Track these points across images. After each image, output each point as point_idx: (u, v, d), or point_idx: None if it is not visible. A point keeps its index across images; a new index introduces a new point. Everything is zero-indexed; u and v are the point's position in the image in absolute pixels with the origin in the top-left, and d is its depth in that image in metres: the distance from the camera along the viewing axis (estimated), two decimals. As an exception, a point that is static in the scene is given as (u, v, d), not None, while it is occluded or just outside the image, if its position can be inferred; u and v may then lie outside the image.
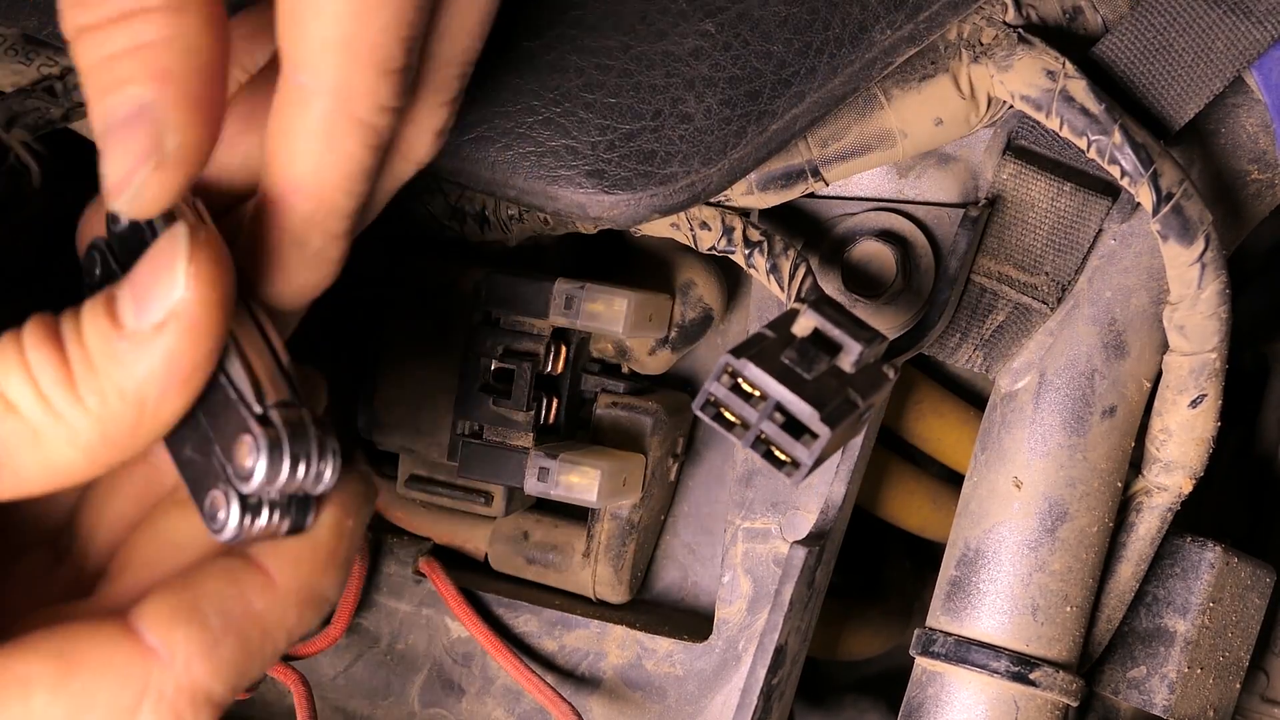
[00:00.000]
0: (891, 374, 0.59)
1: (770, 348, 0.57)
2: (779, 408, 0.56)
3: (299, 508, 0.50)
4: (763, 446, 0.57)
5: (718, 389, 0.57)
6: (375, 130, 0.50)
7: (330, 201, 0.51)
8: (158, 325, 0.47)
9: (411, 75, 0.51)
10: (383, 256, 0.85)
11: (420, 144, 0.56)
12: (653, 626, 0.80)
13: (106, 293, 0.49)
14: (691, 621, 0.82)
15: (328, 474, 0.49)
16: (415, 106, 0.54)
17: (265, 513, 0.49)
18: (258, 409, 0.48)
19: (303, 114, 0.49)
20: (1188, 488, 0.73)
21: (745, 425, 0.57)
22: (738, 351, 0.57)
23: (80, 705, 0.46)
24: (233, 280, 0.49)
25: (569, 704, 0.76)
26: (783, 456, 0.57)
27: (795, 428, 0.56)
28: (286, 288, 0.52)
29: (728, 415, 0.57)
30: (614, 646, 0.79)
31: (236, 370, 0.49)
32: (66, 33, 0.47)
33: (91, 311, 0.48)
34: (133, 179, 0.47)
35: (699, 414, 0.58)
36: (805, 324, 0.58)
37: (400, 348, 0.81)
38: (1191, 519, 0.77)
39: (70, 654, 0.46)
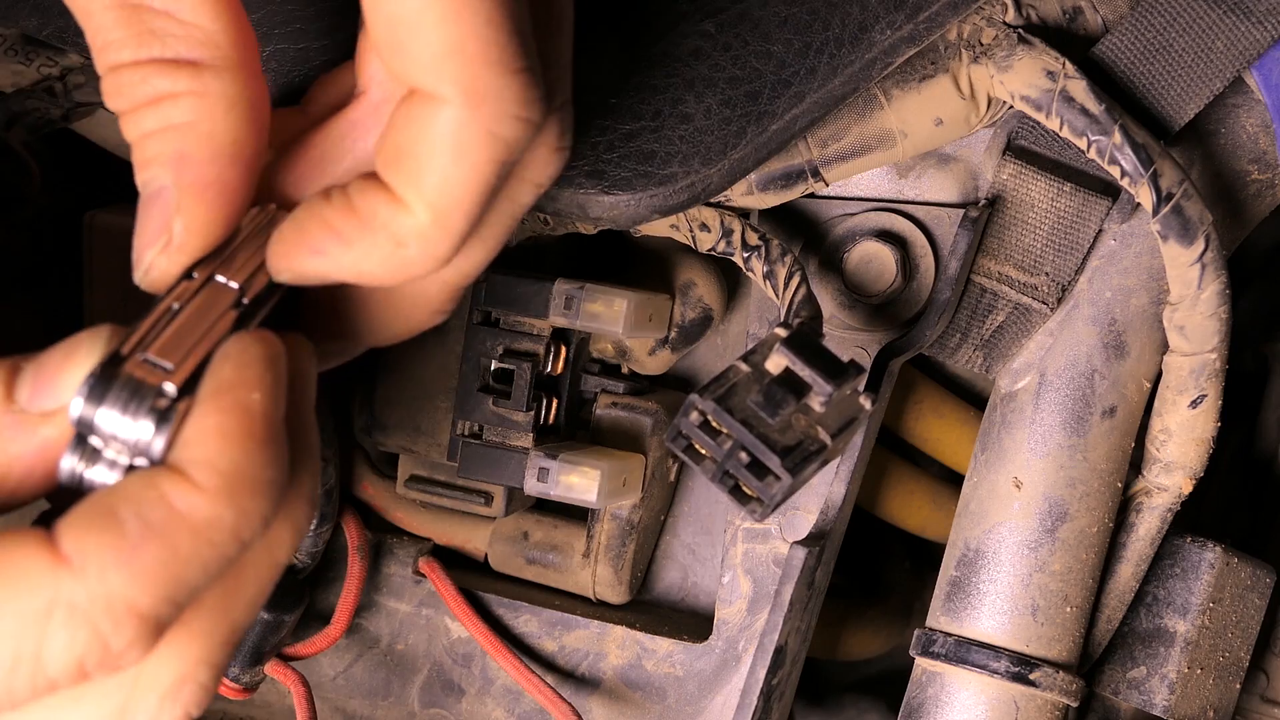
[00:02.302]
0: (868, 404, 0.59)
1: (741, 385, 0.58)
2: (744, 448, 0.57)
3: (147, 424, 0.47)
4: (730, 481, 0.58)
5: (686, 425, 0.58)
6: (505, 144, 0.48)
7: (448, 219, 0.49)
8: (45, 414, 0.47)
9: (539, 79, 0.48)
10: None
11: (540, 162, 0.52)
12: (653, 627, 0.80)
13: (12, 362, 0.48)
14: (691, 622, 0.82)
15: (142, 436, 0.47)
16: None
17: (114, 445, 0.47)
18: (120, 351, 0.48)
19: (429, 125, 0.47)
20: (1188, 488, 0.73)
21: (714, 460, 0.58)
22: (705, 391, 0.58)
23: None
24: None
25: (569, 704, 0.76)
26: (749, 492, 0.58)
27: (760, 468, 0.57)
28: (360, 269, 0.50)
29: (698, 448, 0.58)
30: (614, 647, 0.79)
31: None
32: (112, 107, 0.49)
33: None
34: (144, 257, 0.50)
35: (669, 446, 0.59)
36: (777, 361, 0.59)
37: (400, 348, 0.81)
38: (1191, 519, 0.77)
39: None
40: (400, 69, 0.48)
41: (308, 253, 0.50)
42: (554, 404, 0.78)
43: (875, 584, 1.03)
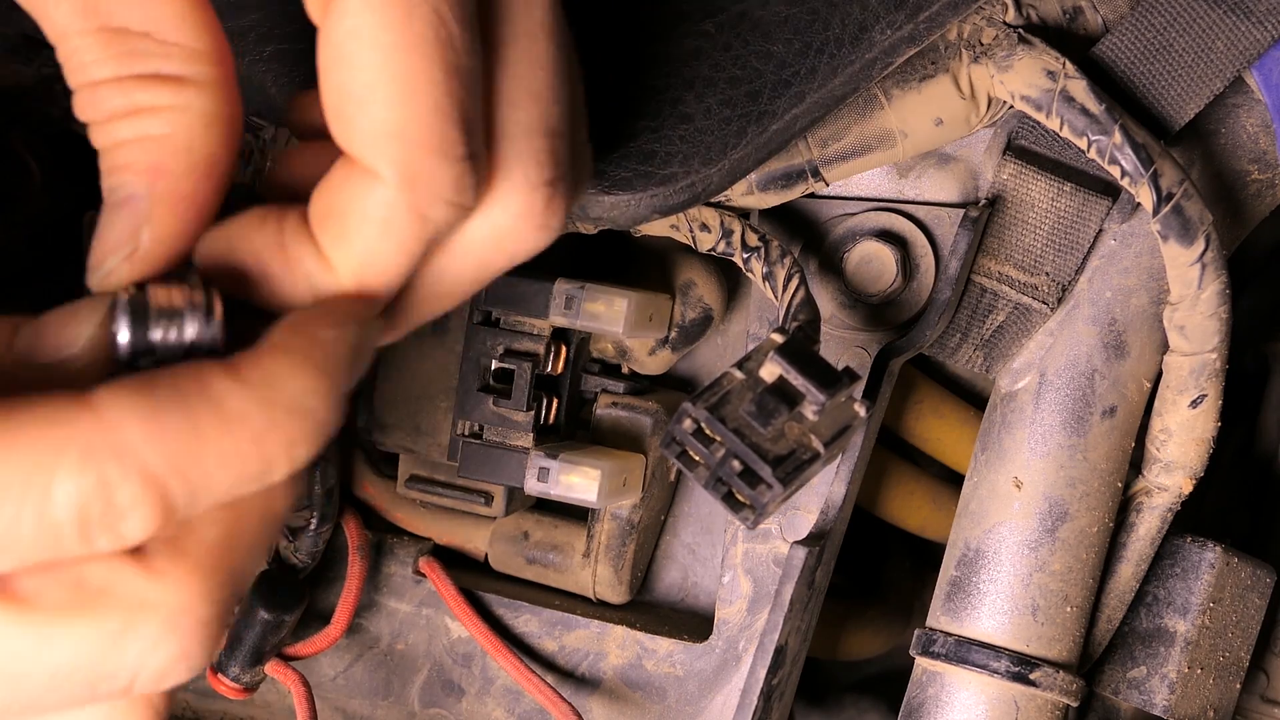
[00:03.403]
0: (863, 411, 0.60)
1: (735, 392, 0.59)
2: (736, 456, 0.57)
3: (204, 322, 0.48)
4: (723, 488, 0.59)
5: (679, 432, 0.58)
6: (434, 225, 0.48)
7: (370, 288, 0.49)
8: (46, 364, 0.48)
9: (478, 166, 0.48)
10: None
11: (518, 236, 0.51)
12: (653, 627, 0.80)
13: (12, 321, 0.49)
14: (692, 622, 0.82)
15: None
16: (500, 187, 0.50)
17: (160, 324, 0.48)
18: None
19: (361, 198, 0.48)
20: (1188, 488, 0.73)
21: (706, 467, 0.58)
22: (698, 399, 0.58)
23: (6, 431, 0.43)
24: None
25: (569, 704, 0.76)
26: (742, 499, 0.59)
27: (752, 476, 0.57)
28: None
29: (692, 454, 0.58)
30: (614, 647, 0.79)
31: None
32: (81, 117, 0.49)
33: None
34: (105, 261, 0.50)
35: (664, 451, 0.59)
36: (771, 370, 0.59)
37: (400, 348, 0.81)
38: (1192, 519, 0.77)
39: (13, 428, 0.43)
40: (342, 138, 0.48)
41: (232, 268, 0.50)
42: (554, 404, 0.78)
43: (875, 584, 1.03)
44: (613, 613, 0.82)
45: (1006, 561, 0.72)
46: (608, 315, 0.74)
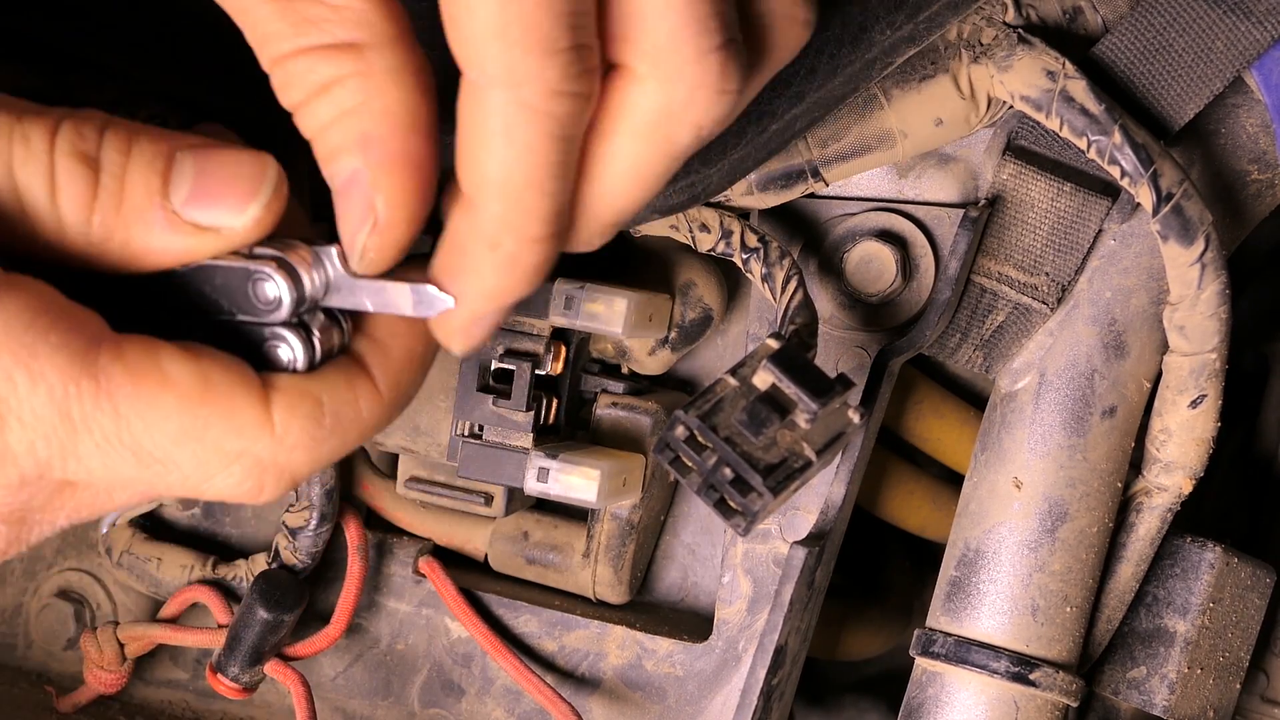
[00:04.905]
0: (857, 418, 0.60)
1: (728, 400, 0.59)
2: (728, 464, 0.57)
3: (335, 322, 0.54)
4: (715, 495, 0.59)
5: (672, 439, 0.58)
6: (553, 118, 0.49)
7: (521, 201, 0.50)
8: (198, 227, 0.52)
9: (591, 55, 0.49)
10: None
11: (700, 105, 0.51)
12: (653, 627, 0.80)
13: (169, 145, 0.52)
14: (691, 622, 0.82)
15: (331, 268, 0.53)
16: (669, 61, 0.49)
17: (316, 333, 0.53)
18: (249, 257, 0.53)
19: (479, 110, 0.49)
20: (1188, 488, 0.73)
21: (699, 474, 0.58)
22: (691, 406, 0.58)
23: (193, 427, 0.49)
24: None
25: (569, 704, 0.76)
26: (733, 506, 0.59)
27: (744, 484, 0.58)
28: (479, 290, 0.51)
29: (685, 461, 0.59)
30: (614, 647, 0.79)
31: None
32: (285, 104, 0.51)
33: None
34: (355, 246, 0.51)
35: (657, 457, 0.59)
36: (764, 378, 0.59)
37: (400, 348, 0.81)
38: (1191, 519, 0.77)
39: (213, 384, 0.50)
40: (456, 48, 0.49)
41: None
42: (554, 404, 0.78)
43: (875, 584, 1.03)
44: (612, 613, 0.82)
45: (1006, 562, 0.72)
46: (607, 315, 0.74)
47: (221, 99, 0.72)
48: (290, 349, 0.53)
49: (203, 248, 0.52)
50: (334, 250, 0.52)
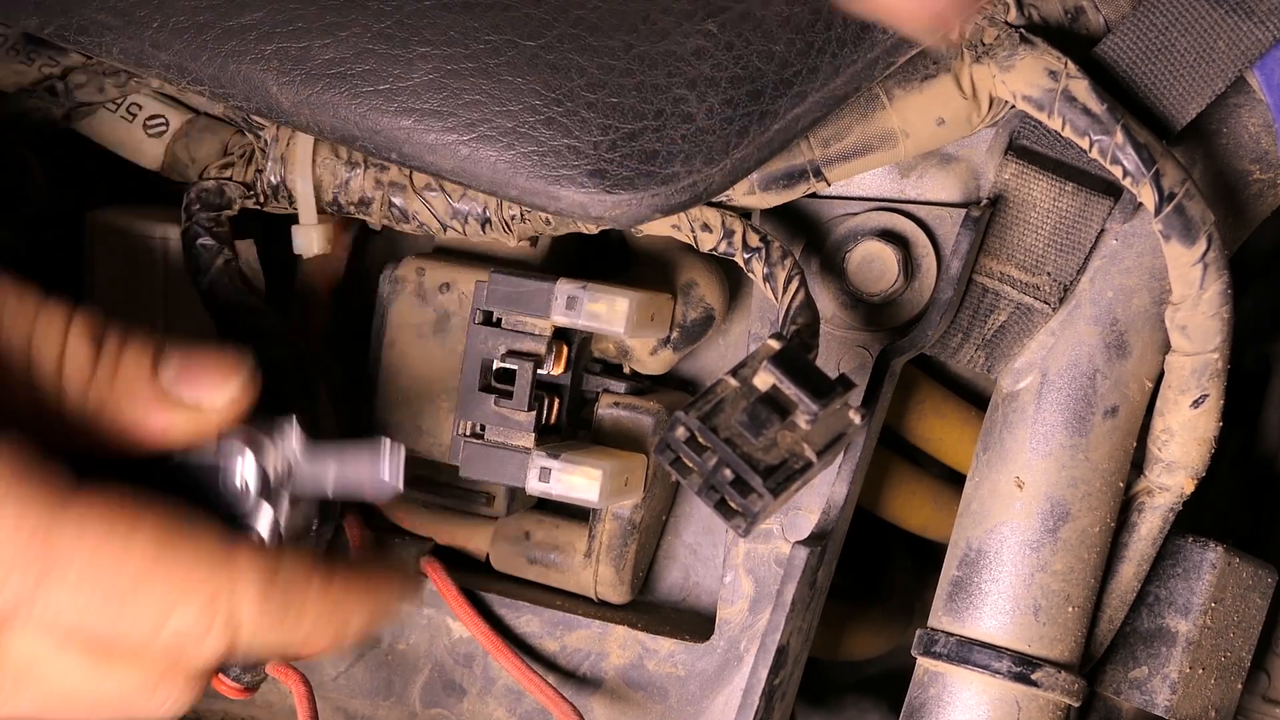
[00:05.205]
0: (858, 419, 0.60)
1: (729, 400, 0.59)
2: (728, 465, 0.57)
3: (302, 510, 0.61)
4: (715, 496, 0.59)
5: (673, 440, 0.58)
6: None
7: None
8: (184, 405, 0.59)
9: None
10: (384, 257, 0.85)
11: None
12: (654, 627, 0.80)
13: (155, 341, 0.59)
14: (693, 622, 0.82)
15: (294, 441, 0.60)
16: None
17: (282, 518, 0.59)
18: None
19: None
20: (1190, 488, 0.73)
21: (699, 474, 0.58)
22: (691, 407, 0.58)
23: (161, 557, 0.53)
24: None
25: (570, 704, 0.76)
26: (734, 507, 0.59)
27: (744, 485, 0.58)
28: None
29: (685, 461, 0.59)
30: (615, 647, 0.79)
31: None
32: None
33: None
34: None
35: (658, 458, 0.60)
36: (764, 379, 0.59)
37: (400, 348, 0.81)
38: (1193, 519, 0.77)
39: (182, 529, 0.54)
40: None
41: None
42: (555, 404, 0.78)
43: (877, 584, 1.03)
44: (614, 613, 0.82)
45: (1008, 561, 0.72)
46: (609, 315, 0.74)
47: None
48: (256, 531, 0.59)
49: (186, 424, 0.58)
50: (293, 423, 0.60)
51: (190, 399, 0.58)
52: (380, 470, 0.60)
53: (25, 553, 0.52)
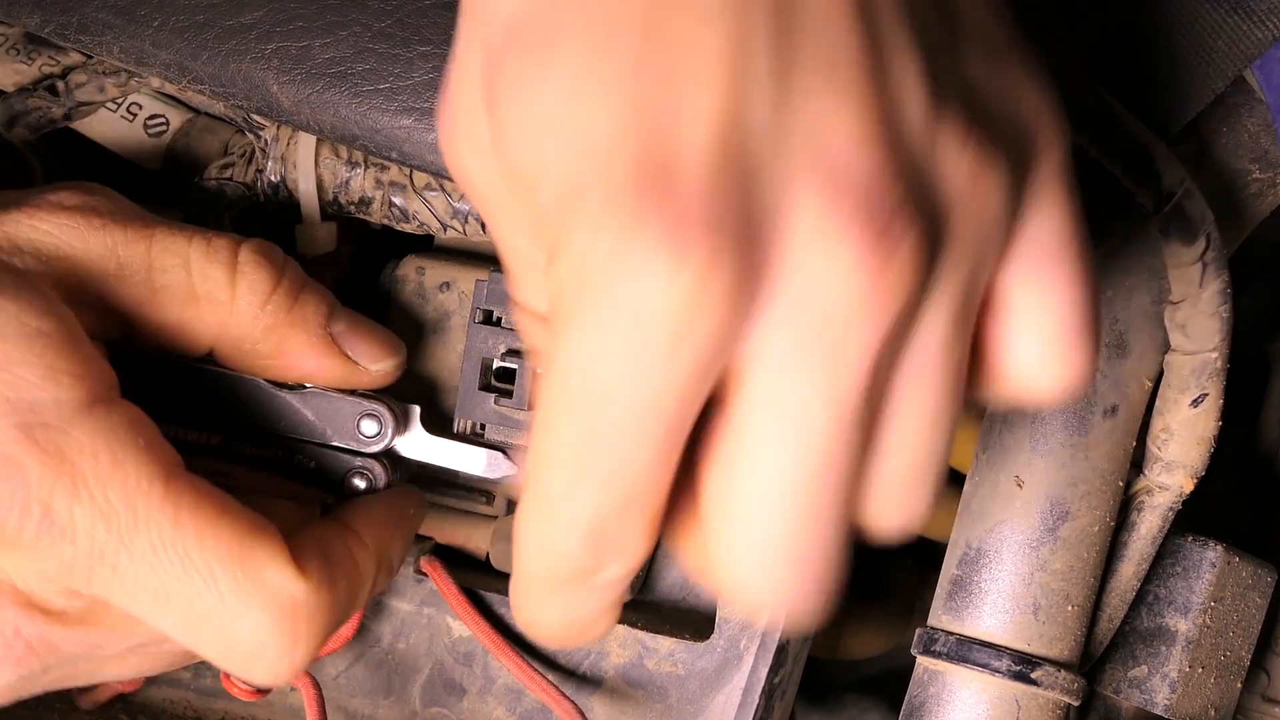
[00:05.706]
0: None
1: None
2: None
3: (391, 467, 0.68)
4: None
5: None
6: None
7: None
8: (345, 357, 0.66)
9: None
10: (383, 257, 0.85)
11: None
12: (654, 625, 0.80)
13: (331, 299, 0.66)
14: (693, 620, 0.82)
15: (415, 424, 0.69)
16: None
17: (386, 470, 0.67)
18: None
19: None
20: (1189, 487, 0.73)
21: None
22: None
23: (240, 552, 0.56)
24: None
25: (571, 702, 0.76)
26: None
27: None
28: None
29: None
30: (615, 646, 0.79)
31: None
32: None
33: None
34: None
35: None
36: None
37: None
38: (1193, 518, 0.77)
39: (261, 520, 0.57)
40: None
41: None
42: (556, 403, 0.78)
43: (877, 583, 1.03)
44: (614, 612, 0.82)
45: (1008, 560, 0.72)
46: (609, 314, 0.74)
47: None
48: (372, 478, 0.66)
49: (336, 372, 0.63)
50: (417, 410, 0.68)
51: (353, 355, 0.63)
52: (485, 470, 0.70)
53: (122, 503, 0.53)
